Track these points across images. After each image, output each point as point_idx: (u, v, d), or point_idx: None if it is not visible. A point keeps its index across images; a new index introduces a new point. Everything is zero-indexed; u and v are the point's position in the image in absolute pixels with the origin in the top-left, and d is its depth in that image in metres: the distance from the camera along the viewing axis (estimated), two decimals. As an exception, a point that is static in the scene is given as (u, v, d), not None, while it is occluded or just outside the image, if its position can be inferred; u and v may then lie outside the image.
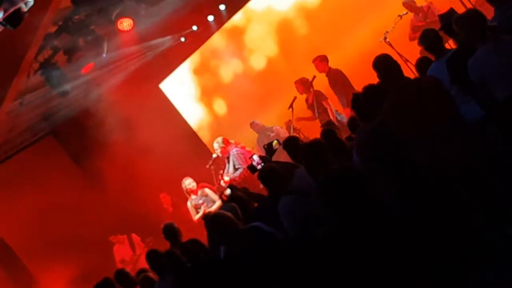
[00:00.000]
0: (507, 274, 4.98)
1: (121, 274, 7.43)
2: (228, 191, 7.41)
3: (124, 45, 11.12)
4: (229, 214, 6.00)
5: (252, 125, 11.94)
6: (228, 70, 14.02)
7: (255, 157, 7.49)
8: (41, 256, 12.23)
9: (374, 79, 5.70)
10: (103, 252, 12.29)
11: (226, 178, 10.24)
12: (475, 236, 5.17)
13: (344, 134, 7.54)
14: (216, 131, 13.57)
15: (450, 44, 7.54)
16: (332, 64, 11.07)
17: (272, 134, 11.10)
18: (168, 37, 12.66)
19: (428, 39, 6.31)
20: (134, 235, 12.25)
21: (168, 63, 13.49)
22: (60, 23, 9.98)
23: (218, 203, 10.07)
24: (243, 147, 10.47)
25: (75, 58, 10.27)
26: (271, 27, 13.57)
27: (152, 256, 6.97)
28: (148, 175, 12.68)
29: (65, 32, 9.98)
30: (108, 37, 10.36)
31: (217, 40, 13.85)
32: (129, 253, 11.87)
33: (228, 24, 13.60)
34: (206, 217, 6.89)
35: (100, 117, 12.51)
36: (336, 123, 9.90)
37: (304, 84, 10.90)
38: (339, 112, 10.75)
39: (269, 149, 7.79)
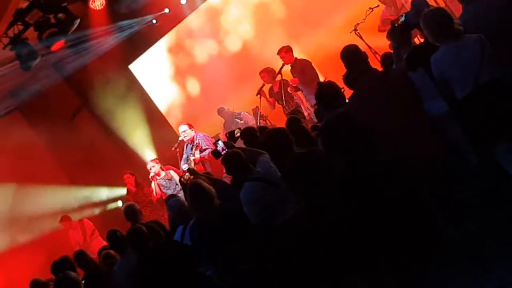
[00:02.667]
0: (463, 268, 5.11)
1: (80, 254, 7.48)
2: (187, 175, 7.43)
3: (95, 25, 11.03)
4: (210, 186, 6.05)
5: (219, 111, 11.95)
6: (203, 50, 13.95)
7: (220, 143, 7.52)
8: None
9: (344, 69, 5.75)
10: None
11: (197, 155, 10.23)
12: (434, 231, 5.28)
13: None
14: (188, 112, 13.60)
15: (419, 39, 7.61)
16: (304, 52, 11.08)
17: (240, 122, 11.13)
18: (140, 18, 12.57)
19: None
20: (85, 220, 12.25)
21: (138, 44, 13.40)
22: (32, -1, 9.87)
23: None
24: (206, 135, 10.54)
25: (46, 35, 10.13)
26: (247, 10, 13.53)
27: (111, 235, 7.00)
28: (112, 155, 12.70)
29: (37, 8, 9.84)
30: (79, 15, 10.24)
31: (193, 20, 13.78)
32: (81, 238, 11.86)
33: (205, 5, 13.52)
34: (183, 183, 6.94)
35: (67, 95, 12.45)
36: (306, 111, 10.00)
37: (270, 74, 10.92)
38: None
39: (231, 137, 7.83)
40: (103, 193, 13.51)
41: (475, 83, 4.98)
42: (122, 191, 12.49)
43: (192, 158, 10.42)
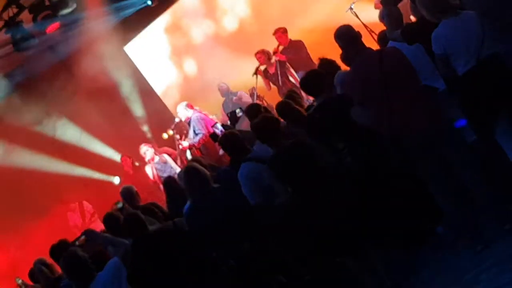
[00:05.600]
0: (463, 244, 5.14)
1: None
2: None
3: (90, 6, 10.96)
4: (204, 169, 6.04)
5: (220, 85, 11.93)
6: (200, 30, 13.89)
7: (218, 126, 7.53)
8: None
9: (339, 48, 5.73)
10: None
11: (185, 144, 10.23)
12: (433, 208, 5.31)
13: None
14: (186, 92, 13.57)
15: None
16: (300, 31, 11.06)
17: (234, 98, 11.11)
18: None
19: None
20: (85, 202, 12.21)
21: (134, 25, 13.31)
22: (26, -19, 9.84)
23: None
24: (206, 114, 10.44)
25: (41, 18, 10.09)
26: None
27: (108, 218, 6.99)
28: (108, 137, 12.69)
29: (32, -9, 9.83)
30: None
31: (189, 0, 13.70)
32: (80, 221, 11.86)
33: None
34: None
35: (63, 78, 12.41)
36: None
37: (265, 55, 10.89)
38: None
39: (233, 117, 7.83)
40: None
41: (477, 58, 4.97)
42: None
43: (180, 147, 10.42)
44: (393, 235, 5.34)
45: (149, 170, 11.00)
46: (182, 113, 10.39)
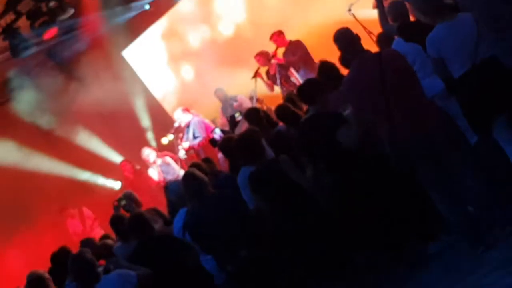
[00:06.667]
0: (464, 248, 5.13)
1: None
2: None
3: (87, 12, 10.96)
4: (202, 175, 6.06)
5: (217, 93, 11.92)
6: (196, 36, 13.88)
7: (217, 131, 7.52)
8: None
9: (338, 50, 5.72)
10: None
11: (185, 145, 10.24)
12: (433, 212, 5.29)
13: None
14: (183, 97, 13.56)
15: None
16: (298, 34, 11.04)
17: (235, 103, 11.10)
18: (133, 4, 12.49)
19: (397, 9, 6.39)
20: (84, 208, 12.13)
21: (131, 30, 13.32)
22: (23, -13, 9.83)
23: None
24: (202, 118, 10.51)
25: (38, 24, 10.08)
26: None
27: (115, 220, 6.98)
28: (109, 142, 12.68)
29: (28, -3, 9.83)
30: (72, 3, 10.19)
31: (185, 5, 13.70)
32: (80, 227, 11.82)
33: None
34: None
35: (61, 84, 12.39)
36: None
37: (265, 56, 10.88)
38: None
39: (232, 121, 7.84)
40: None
41: (473, 61, 4.95)
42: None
43: (180, 147, 10.44)
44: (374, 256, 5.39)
45: (153, 172, 11.00)
46: (182, 118, 10.43)
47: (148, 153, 11.06)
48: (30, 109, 12.03)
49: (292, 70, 10.72)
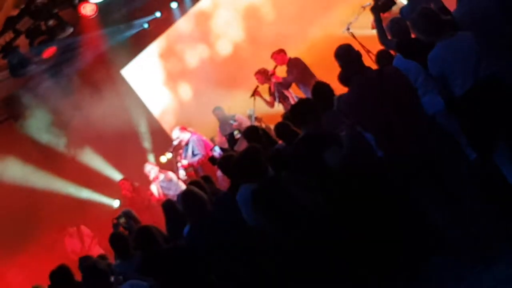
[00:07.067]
0: (464, 264, 5.11)
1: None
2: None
3: (86, 30, 11.00)
4: (201, 192, 6.03)
5: (215, 112, 11.95)
6: (194, 55, 13.96)
7: (217, 148, 7.50)
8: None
9: (337, 68, 5.74)
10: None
11: (184, 162, 10.25)
12: (433, 230, 5.28)
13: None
14: (181, 116, 13.58)
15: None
16: (297, 53, 11.09)
17: (235, 123, 11.11)
18: (132, 23, 12.55)
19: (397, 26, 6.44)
20: (82, 227, 12.11)
21: (130, 49, 13.39)
22: (22, 6, 9.84)
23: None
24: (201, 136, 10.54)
25: (37, 42, 10.11)
26: (237, 13, 13.53)
27: (115, 238, 6.95)
28: (107, 160, 12.68)
29: (27, 16, 9.83)
30: (70, 22, 10.22)
31: (183, 24, 13.77)
32: (78, 245, 11.78)
33: (195, 9, 13.54)
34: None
35: (60, 102, 12.42)
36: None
37: (264, 74, 10.91)
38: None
39: (231, 139, 7.84)
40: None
41: (475, 78, 4.97)
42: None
43: (179, 164, 10.44)
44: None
45: (154, 188, 11.02)
46: (181, 136, 10.45)
47: (150, 169, 11.09)
48: (31, 127, 12.04)
49: (290, 90, 10.76)
